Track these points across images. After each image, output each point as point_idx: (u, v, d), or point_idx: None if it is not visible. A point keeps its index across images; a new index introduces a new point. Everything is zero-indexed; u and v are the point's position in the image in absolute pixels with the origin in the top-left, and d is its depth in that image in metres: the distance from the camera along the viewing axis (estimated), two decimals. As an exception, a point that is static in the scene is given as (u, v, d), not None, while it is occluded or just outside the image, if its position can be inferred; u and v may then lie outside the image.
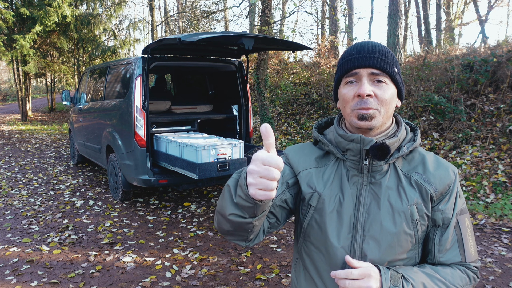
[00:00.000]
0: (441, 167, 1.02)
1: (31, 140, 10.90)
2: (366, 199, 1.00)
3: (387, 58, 0.98)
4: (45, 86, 20.56)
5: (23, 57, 13.62)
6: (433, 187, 0.99)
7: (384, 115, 0.98)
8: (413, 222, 0.97)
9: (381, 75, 0.97)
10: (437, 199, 1.00)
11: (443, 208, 1.00)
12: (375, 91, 0.96)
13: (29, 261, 3.39)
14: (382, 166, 1.00)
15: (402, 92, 1.04)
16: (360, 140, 0.99)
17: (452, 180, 1.01)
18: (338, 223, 1.01)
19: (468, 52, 7.85)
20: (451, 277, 0.96)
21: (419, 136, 1.06)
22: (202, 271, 3.21)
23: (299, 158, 1.10)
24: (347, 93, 0.99)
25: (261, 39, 4.28)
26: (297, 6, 9.28)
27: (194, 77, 6.56)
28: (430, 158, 1.04)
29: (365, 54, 0.98)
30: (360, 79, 0.97)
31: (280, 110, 10.02)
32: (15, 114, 17.85)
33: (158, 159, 4.52)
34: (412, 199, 0.98)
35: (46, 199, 5.23)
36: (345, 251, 0.99)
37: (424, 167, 1.02)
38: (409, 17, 17.38)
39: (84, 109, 6.41)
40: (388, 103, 0.98)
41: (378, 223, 0.98)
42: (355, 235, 0.99)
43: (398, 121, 1.07)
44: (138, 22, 16.70)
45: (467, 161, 5.35)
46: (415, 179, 1.00)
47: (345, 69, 0.99)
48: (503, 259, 3.37)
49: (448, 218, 0.99)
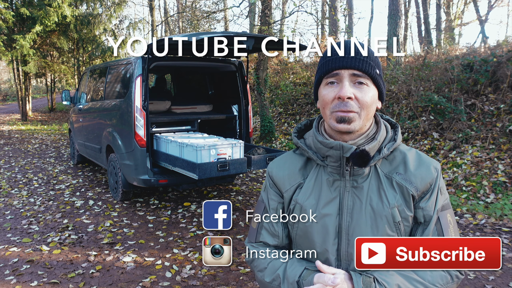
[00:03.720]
0: (422, 165, 1.00)
1: (31, 140, 10.90)
2: (349, 203, 1.00)
3: (369, 60, 0.96)
4: (45, 86, 20.56)
5: (23, 57, 13.62)
6: (414, 187, 0.98)
7: (364, 118, 0.97)
8: (395, 224, 0.97)
9: (362, 77, 0.95)
10: (419, 197, 0.99)
11: (424, 206, 0.99)
12: (355, 93, 0.95)
13: (29, 261, 3.39)
14: (364, 170, 1.00)
15: (383, 94, 1.02)
16: (339, 147, 0.98)
17: (433, 178, 1.00)
18: (323, 230, 1.01)
19: (468, 52, 7.84)
20: (430, 277, 0.95)
21: (399, 135, 1.05)
22: (202, 271, 3.21)
23: (283, 176, 1.09)
24: (327, 94, 0.97)
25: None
26: (297, 6, 9.29)
27: (194, 77, 6.56)
28: (411, 156, 1.02)
29: (347, 54, 0.96)
30: (341, 80, 0.96)
31: (280, 110, 10.02)
32: (15, 114, 17.85)
33: (158, 159, 4.52)
34: (393, 201, 0.97)
35: (46, 199, 5.23)
36: (333, 257, 0.99)
37: (405, 167, 1.01)
38: (409, 17, 17.38)
39: (84, 109, 6.41)
40: (369, 106, 0.96)
41: (361, 227, 0.97)
42: (341, 240, 0.99)
43: (378, 121, 1.06)
44: (138, 22, 16.70)
45: (467, 161, 5.35)
46: (396, 180, 0.99)
47: (326, 69, 0.98)
48: (503, 259, 3.37)
49: (430, 215, 0.99)
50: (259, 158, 4.20)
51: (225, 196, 5.29)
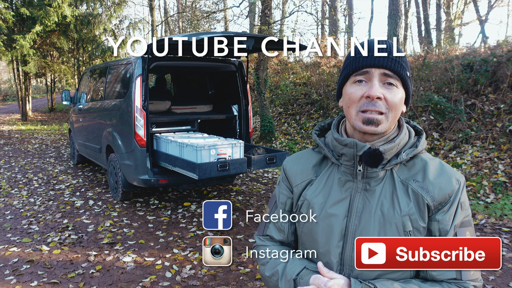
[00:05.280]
0: (444, 175, 0.94)
1: (31, 140, 10.90)
2: (359, 206, 0.96)
3: (401, 60, 0.92)
4: (45, 86, 20.56)
5: (23, 57, 13.62)
6: (430, 196, 0.92)
7: (391, 120, 0.93)
8: (405, 233, 0.92)
9: (393, 78, 0.92)
10: (435, 208, 0.93)
11: (440, 219, 0.92)
12: (385, 94, 0.91)
13: (29, 261, 3.39)
14: (378, 173, 0.95)
15: (409, 98, 0.98)
16: (353, 145, 0.94)
17: (454, 190, 0.93)
18: (327, 230, 0.97)
19: (468, 52, 7.84)
20: None
21: (422, 142, 0.99)
22: (202, 271, 3.21)
23: (296, 170, 1.08)
24: (354, 92, 0.93)
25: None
26: (297, 6, 9.29)
27: (194, 77, 6.56)
28: (433, 165, 0.96)
29: (379, 52, 0.92)
30: (370, 79, 0.92)
31: (280, 110, 10.02)
32: (15, 114, 17.85)
33: (158, 159, 4.52)
34: (406, 209, 0.92)
35: (46, 199, 5.23)
36: (335, 259, 0.96)
37: (424, 175, 0.95)
38: (409, 17, 17.38)
39: (84, 109, 6.41)
40: (397, 108, 0.93)
41: (368, 232, 0.93)
42: (346, 243, 0.95)
43: (400, 125, 1.01)
44: (138, 22, 16.70)
45: (467, 161, 5.36)
46: (412, 187, 0.94)
47: (356, 67, 0.93)
48: (503, 259, 3.37)
49: (446, 230, 0.92)
50: (259, 158, 4.20)
51: (225, 196, 5.29)
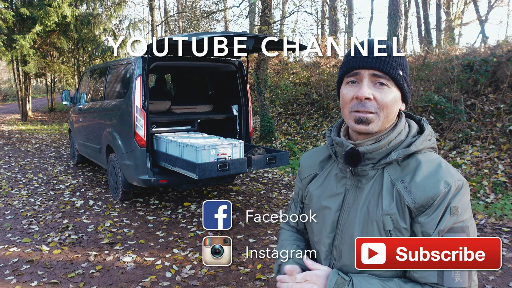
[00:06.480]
0: (432, 178, 0.91)
1: (31, 140, 10.90)
2: (350, 201, 1.00)
3: (391, 60, 0.93)
4: (45, 86, 20.56)
5: (23, 57, 13.62)
6: (411, 198, 0.91)
7: (384, 119, 0.94)
8: (385, 232, 0.93)
9: (383, 78, 0.92)
10: (417, 210, 0.91)
11: (422, 221, 0.90)
12: (375, 94, 0.92)
13: (29, 261, 3.39)
14: (368, 171, 0.97)
15: (406, 96, 0.98)
16: (341, 144, 0.99)
17: (438, 194, 0.89)
18: (320, 221, 1.04)
19: (468, 52, 7.85)
20: None
21: (418, 142, 0.97)
22: (202, 271, 3.21)
23: (306, 164, 1.17)
24: (347, 93, 0.96)
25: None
26: (297, 6, 9.29)
27: (194, 77, 6.56)
28: (427, 167, 0.93)
29: (368, 53, 0.93)
30: (361, 80, 0.94)
31: (280, 110, 10.02)
32: (15, 114, 17.85)
33: (158, 159, 4.52)
34: (387, 209, 0.93)
35: (46, 199, 5.23)
36: (324, 249, 1.03)
37: (412, 176, 0.93)
38: (409, 17, 17.38)
39: (84, 109, 6.41)
40: (389, 108, 0.93)
41: (352, 227, 0.97)
42: (336, 235, 1.01)
43: (396, 124, 1.00)
44: (138, 22, 16.71)
45: (467, 161, 5.36)
46: (397, 188, 0.94)
47: (347, 68, 0.96)
48: (503, 259, 3.37)
49: (428, 233, 0.90)
50: (259, 158, 4.20)
51: (225, 196, 5.29)
